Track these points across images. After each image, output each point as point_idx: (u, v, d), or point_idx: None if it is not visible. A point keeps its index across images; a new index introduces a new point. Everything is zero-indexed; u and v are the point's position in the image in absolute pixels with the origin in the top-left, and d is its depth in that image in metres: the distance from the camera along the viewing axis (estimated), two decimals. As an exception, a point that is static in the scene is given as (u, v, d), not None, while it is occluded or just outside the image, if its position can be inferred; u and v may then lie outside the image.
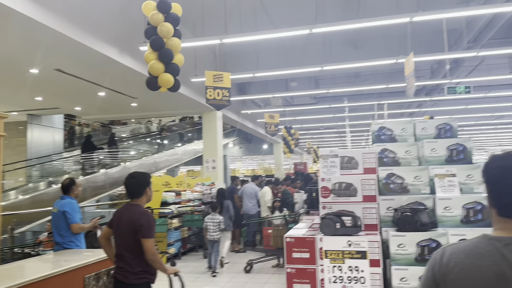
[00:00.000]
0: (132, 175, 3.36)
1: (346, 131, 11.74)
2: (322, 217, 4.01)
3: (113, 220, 3.39)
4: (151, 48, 5.03)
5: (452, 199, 3.93)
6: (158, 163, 19.47)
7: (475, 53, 8.17)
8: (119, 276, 3.25)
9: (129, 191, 3.35)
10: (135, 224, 3.17)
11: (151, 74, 5.04)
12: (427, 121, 5.00)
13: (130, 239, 3.19)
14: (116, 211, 3.45)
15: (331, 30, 6.85)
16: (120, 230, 3.29)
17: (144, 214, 3.31)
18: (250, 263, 7.06)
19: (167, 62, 5.04)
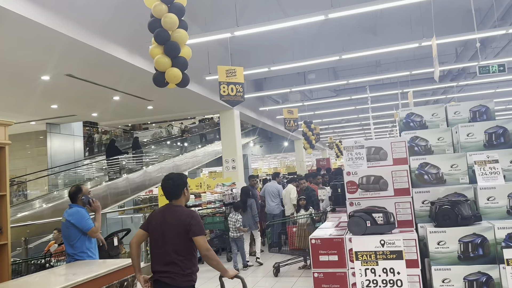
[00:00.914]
0: (169, 176, 3.40)
1: (370, 122, 11.24)
2: (350, 214, 3.64)
3: (150, 223, 3.35)
4: (155, 41, 4.74)
5: (496, 188, 3.49)
6: (179, 166, 19.35)
7: (504, 31, 7.60)
8: (166, 279, 3.20)
9: (168, 193, 3.37)
10: (184, 223, 3.20)
11: (158, 70, 4.76)
12: (459, 104, 4.55)
13: (180, 240, 3.21)
14: (154, 213, 3.44)
15: (348, 15, 6.43)
16: (165, 232, 3.24)
17: (191, 212, 3.35)
18: (277, 266, 6.72)
19: (174, 56, 4.74)
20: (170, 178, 3.37)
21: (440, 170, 3.90)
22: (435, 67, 5.82)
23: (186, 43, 4.90)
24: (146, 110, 12.02)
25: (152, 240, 3.34)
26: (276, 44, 9.63)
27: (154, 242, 3.32)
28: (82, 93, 9.23)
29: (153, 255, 3.32)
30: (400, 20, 10.22)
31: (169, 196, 3.37)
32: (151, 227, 3.33)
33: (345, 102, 14.75)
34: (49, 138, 13.40)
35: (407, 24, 10.09)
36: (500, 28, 8.07)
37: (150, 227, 3.34)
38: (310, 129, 13.78)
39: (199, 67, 9.14)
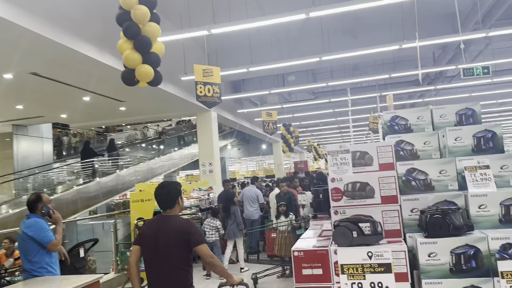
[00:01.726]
0: (162, 185, 3.23)
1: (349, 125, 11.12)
2: (335, 224, 3.39)
3: (144, 236, 3.16)
4: (124, 36, 4.36)
5: (488, 195, 3.30)
6: (154, 169, 18.85)
7: (484, 34, 7.57)
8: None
9: (161, 202, 3.17)
10: (184, 233, 3.05)
11: (127, 67, 4.38)
12: (445, 107, 4.38)
13: (180, 252, 3.05)
14: (147, 225, 3.31)
15: (328, 16, 6.26)
16: (161, 244, 3.04)
17: (188, 221, 3.25)
18: (255, 277, 6.41)
19: (145, 52, 4.37)
20: (164, 187, 3.19)
21: (428, 176, 3.70)
22: (419, 69, 5.69)
23: (159, 39, 4.55)
24: (119, 112, 11.54)
25: (145, 255, 3.13)
26: (255, 44, 9.36)
27: (149, 255, 3.10)
28: (49, 93, 8.73)
29: (150, 269, 3.10)
30: (380, 23, 10.14)
31: (163, 206, 3.17)
32: (145, 238, 3.13)
33: (323, 105, 14.63)
34: (15, 140, 12.72)
35: (386, 26, 10.03)
36: (481, 31, 8.05)
37: (144, 239, 3.14)
38: (289, 132, 13.58)
39: (175, 66, 8.78)
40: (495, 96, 15.44)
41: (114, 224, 7.22)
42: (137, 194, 7.81)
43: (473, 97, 14.06)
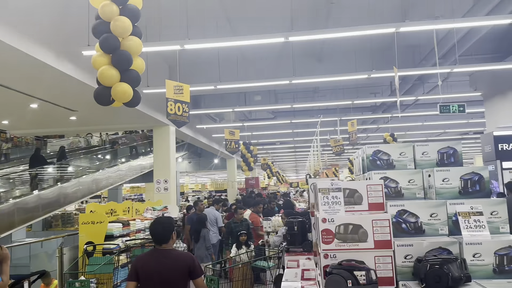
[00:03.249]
0: (159, 221, 3.44)
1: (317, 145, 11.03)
2: (328, 271, 3.13)
3: (141, 271, 3.26)
4: (101, 49, 3.86)
5: (483, 244, 3.20)
6: (100, 181, 17.74)
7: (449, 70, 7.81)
8: None
9: (157, 238, 3.36)
10: (187, 265, 3.28)
11: (101, 84, 3.88)
12: (428, 145, 4.32)
13: (183, 283, 3.28)
14: (143, 261, 3.35)
15: (299, 40, 6.19)
16: (166, 277, 3.22)
17: (189, 254, 3.49)
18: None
19: (124, 69, 3.89)
20: (160, 223, 3.39)
21: (419, 219, 3.56)
22: (397, 96, 5.70)
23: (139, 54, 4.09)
24: (68, 121, 10.70)
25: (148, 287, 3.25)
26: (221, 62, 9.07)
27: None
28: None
29: None
30: (345, 50, 10.25)
31: (158, 241, 3.35)
32: (144, 275, 3.24)
33: (283, 125, 14.58)
34: None
35: (351, 54, 10.14)
36: (461, 65, 8.29)
37: (143, 275, 3.24)
38: (249, 151, 13.32)
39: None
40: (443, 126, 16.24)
41: (60, 248, 6.49)
42: (87, 215, 7.13)
43: (425, 125, 14.68)
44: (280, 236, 5.62)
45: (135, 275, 3.26)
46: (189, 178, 43.24)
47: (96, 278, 5.85)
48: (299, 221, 5.18)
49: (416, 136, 18.33)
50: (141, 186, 34.72)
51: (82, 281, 5.64)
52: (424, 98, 10.86)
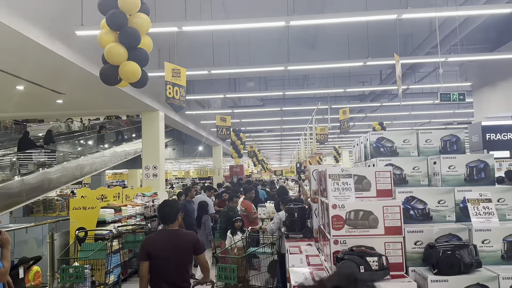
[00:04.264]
0: (165, 203, 3.83)
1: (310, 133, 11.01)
2: (339, 257, 3.11)
3: (153, 250, 3.52)
4: (108, 26, 3.68)
5: (492, 230, 3.23)
6: (84, 167, 17.40)
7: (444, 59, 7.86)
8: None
9: (165, 218, 3.70)
10: (193, 243, 3.65)
11: (108, 63, 3.71)
12: (431, 132, 4.34)
13: (190, 258, 3.67)
14: (153, 239, 3.66)
15: (296, 25, 6.10)
16: (177, 254, 3.56)
17: (193, 233, 3.90)
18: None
19: (132, 47, 3.73)
20: (167, 205, 3.77)
21: (427, 206, 3.58)
22: (398, 85, 5.70)
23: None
24: (55, 104, 10.37)
25: (159, 265, 3.51)
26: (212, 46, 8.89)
27: (163, 266, 3.52)
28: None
29: (162, 279, 3.53)
30: (338, 38, 10.18)
31: (166, 221, 3.69)
32: (155, 253, 3.52)
33: (271, 113, 14.52)
34: None
35: (344, 41, 10.08)
36: (459, 55, 8.31)
37: (155, 255, 3.51)
38: (239, 138, 13.23)
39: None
40: (429, 116, 16.46)
41: (51, 234, 6.33)
42: (78, 200, 6.97)
43: (412, 115, 14.84)
44: (276, 222, 5.58)
45: (147, 255, 3.51)
46: (172, 165, 42.89)
47: (90, 264, 5.73)
48: (299, 207, 5.17)
49: (402, 125, 18.56)
50: (124, 173, 34.30)
51: (76, 267, 5.52)
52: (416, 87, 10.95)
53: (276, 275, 5.54)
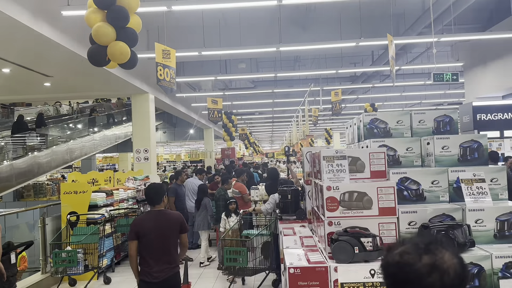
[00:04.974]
0: (151, 186, 3.99)
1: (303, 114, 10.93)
2: (334, 238, 3.11)
3: (141, 230, 3.71)
4: (95, 4, 3.52)
5: (485, 210, 3.25)
6: (73, 151, 17.23)
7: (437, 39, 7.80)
8: (169, 272, 3.77)
9: (151, 199, 3.88)
10: (179, 223, 3.86)
11: (96, 43, 3.58)
12: (424, 113, 4.32)
13: (176, 237, 3.86)
14: (141, 220, 3.87)
15: (288, 4, 5.96)
16: (164, 233, 3.76)
17: (178, 213, 4.07)
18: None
19: (121, 26, 3.59)
20: (153, 188, 3.93)
21: (421, 187, 3.58)
22: (391, 66, 5.65)
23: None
24: (42, 87, 10.16)
25: (147, 244, 3.72)
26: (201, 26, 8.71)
27: (151, 245, 3.72)
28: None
29: (150, 257, 3.72)
30: (330, 18, 10.05)
31: (152, 202, 3.87)
32: (143, 232, 3.70)
33: (263, 95, 14.42)
34: None
35: (335, 22, 9.95)
36: (443, 35, 8.24)
37: (143, 234, 3.70)
38: (231, 120, 13.12)
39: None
40: (421, 97, 16.48)
41: (42, 218, 6.26)
42: (69, 184, 6.89)
43: (403, 96, 14.83)
44: (271, 203, 5.58)
45: (136, 234, 3.71)
46: (163, 148, 42.68)
47: (82, 248, 5.70)
48: (292, 189, 5.16)
49: (394, 107, 18.59)
50: (115, 156, 34.04)
51: (69, 251, 5.49)
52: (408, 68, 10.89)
53: (269, 256, 5.57)
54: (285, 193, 5.09)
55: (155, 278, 3.70)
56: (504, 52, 9.32)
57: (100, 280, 6.44)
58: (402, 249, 1.06)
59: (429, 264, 1.01)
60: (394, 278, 1.06)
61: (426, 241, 1.05)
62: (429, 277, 1.00)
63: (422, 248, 1.04)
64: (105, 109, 20.21)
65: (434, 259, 1.02)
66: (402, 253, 1.05)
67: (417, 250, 1.04)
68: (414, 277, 1.01)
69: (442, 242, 1.06)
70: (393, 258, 1.07)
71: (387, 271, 1.09)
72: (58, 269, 5.56)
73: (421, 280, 1.00)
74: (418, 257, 1.03)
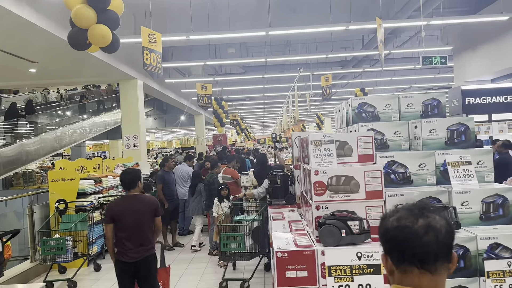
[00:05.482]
0: (126, 171, 4.14)
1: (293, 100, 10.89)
2: (321, 222, 3.11)
3: (117, 214, 3.91)
4: None
5: (471, 192, 3.27)
6: (63, 138, 17.04)
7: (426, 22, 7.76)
8: (144, 253, 3.95)
9: (126, 184, 4.04)
10: (154, 206, 4.04)
11: (76, 26, 3.48)
12: (412, 96, 4.32)
13: (150, 220, 4.01)
14: (116, 204, 4.06)
15: None
16: (138, 216, 3.93)
17: (153, 198, 4.25)
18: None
19: (101, 9, 3.49)
20: (128, 173, 4.09)
21: (408, 170, 3.59)
22: (380, 49, 5.61)
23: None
24: (27, 74, 9.96)
25: (122, 227, 3.89)
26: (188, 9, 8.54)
27: (126, 227, 3.88)
28: None
29: (126, 238, 3.88)
30: (320, 0, 9.94)
31: (127, 187, 4.04)
32: (120, 216, 3.89)
33: (253, 80, 14.30)
34: None
35: (326, 5, 9.85)
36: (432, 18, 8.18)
37: (118, 217, 3.89)
38: (221, 106, 13.01)
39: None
40: (412, 81, 16.49)
41: (30, 206, 6.20)
42: (57, 172, 6.82)
43: (393, 81, 14.83)
44: (264, 187, 5.58)
45: (111, 218, 3.91)
46: (154, 135, 42.41)
47: (71, 236, 5.67)
48: (282, 174, 5.15)
49: (384, 91, 18.59)
50: (105, 144, 33.77)
51: (57, 239, 5.45)
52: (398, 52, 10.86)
53: (259, 241, 5.59)
54: (275, 178, 5.09)
55: (131, 258, 3.90)
56: (493, 35, 9.32)
57: (90, 267, 6.43)
58: (398, 215, 1.22)
59: (425, 225, 1.17)
60: (394, 241, 1.20)
61: (418, 207, 1.24)
62: (426, 236, 1.16)
63: (416, 213, 1.21)
64: (94, 96, 19.93)
65: (428, 221, 1.19)
66: (399, 218, 1.21)
67: (412, 214, 1.21)
68: (413, 237, 1.16)
69: (431, 207, 1.26)
70: (392, 224, 1.22)
71: (386, 236, 1.24)
72: (47, 257, 5.52)
73: (420, 239, 1.15)
74: (414, 220, 1.19)
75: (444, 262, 1.19)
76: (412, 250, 1.16)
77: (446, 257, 1.19)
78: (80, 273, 5.95)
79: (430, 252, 1.16)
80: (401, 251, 1.19)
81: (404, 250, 1.18)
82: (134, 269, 3.95)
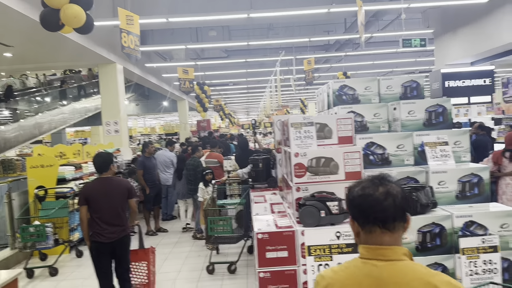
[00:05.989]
0: (98, 154, 4.34)
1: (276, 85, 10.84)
2: (301, 203, 3.13)
3: (90, 196, 4.00)
4: None
5: (448, 172, 3.33)
6: (42, 125, 16.69)
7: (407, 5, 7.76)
8: (120, 233, 4.05)
9: (98, 167, 4.15)
10: (127, 188, 4.12)
11: (48, 6, 3.34)
12: (392, 78, 4.36)
13: (124, 202, 4.10)
14: (89, 186, 4.18)
15: None
16: (111, 197, 4.02)
17: (125, 180, 4.48)
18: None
19: None
20: (100, 156, 4.23)
21: (386, 151, 3.63)
22: (360, 32, 5.60)
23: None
24: (2, 58, 9.66)
25: (96, 208, 3.99)
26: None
27: (100, 208, 3.98)
28: None
29: (100, 219, 3.97)
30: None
31: (100, 170, 4.13)
32: (93, 197, 3.99)
33: (236, 65, 14.17)
34: None
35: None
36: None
37: (93, 199, 3.99)
38: (204, 91, 12.88)
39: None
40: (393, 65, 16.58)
41: (8, 194, 6.08)
42: (35, 158, 6.69)
43: (376, 64, 14.89)
44: (249, 168, 5.58)
45: (85, 200, 3.99)
46: (136, 121, 41.88)
47: (52, 223, 5.59)
48: (263, 158, 5.16)
49: (366, 75, 18.69)
50: (86, 130, 33.23)
51: (37, 225, 5.38)
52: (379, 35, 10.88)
53: (243, 225, 5.61)
54: (257, 162, 5.10)
55: (107, 238, 3.99)
56: (473, 18, 9.40)
57: (72, 254, 6.38)
58: (362, 185, 1.40)
59: (384, 192, 1.36)
60: (359, 207, 1.38)
61: (378, 177, 1.41)
62: (385, 201, 1.34)
63: (377, 182, 1.39)
64: (75, 81, 19.48)
65: (387, 188, 1.37)
66: (363, 188, 1.39)
67: (374, 184, 1.39)
68: (375, 203, 1.35)
69: (389, 177, 1.43)
70: (357, 192, 1.40)
71: (353, 203, 1.41)
72: (27, 244, 5.45)
73: (381, 204, 1.34)
74: (375, 188, 1.37)
75: (401, 221, 1.37)
76: (374, 214, 1.35)
77: (402, 218, 1.38)
78: (61, 260, 5.90)
79: (389, 214, 1.35)
80: (365, 215, 1.37)
81: (368, 214, 1.36)
82: (110, 249, 4.04)
